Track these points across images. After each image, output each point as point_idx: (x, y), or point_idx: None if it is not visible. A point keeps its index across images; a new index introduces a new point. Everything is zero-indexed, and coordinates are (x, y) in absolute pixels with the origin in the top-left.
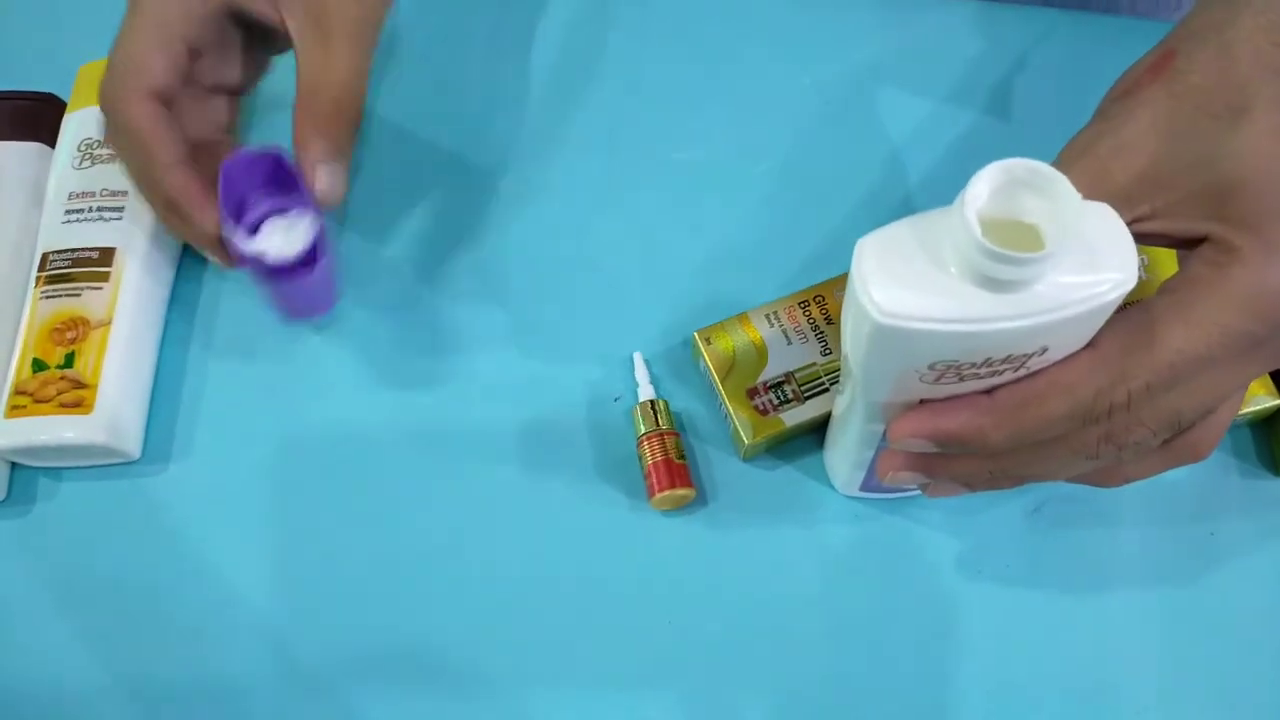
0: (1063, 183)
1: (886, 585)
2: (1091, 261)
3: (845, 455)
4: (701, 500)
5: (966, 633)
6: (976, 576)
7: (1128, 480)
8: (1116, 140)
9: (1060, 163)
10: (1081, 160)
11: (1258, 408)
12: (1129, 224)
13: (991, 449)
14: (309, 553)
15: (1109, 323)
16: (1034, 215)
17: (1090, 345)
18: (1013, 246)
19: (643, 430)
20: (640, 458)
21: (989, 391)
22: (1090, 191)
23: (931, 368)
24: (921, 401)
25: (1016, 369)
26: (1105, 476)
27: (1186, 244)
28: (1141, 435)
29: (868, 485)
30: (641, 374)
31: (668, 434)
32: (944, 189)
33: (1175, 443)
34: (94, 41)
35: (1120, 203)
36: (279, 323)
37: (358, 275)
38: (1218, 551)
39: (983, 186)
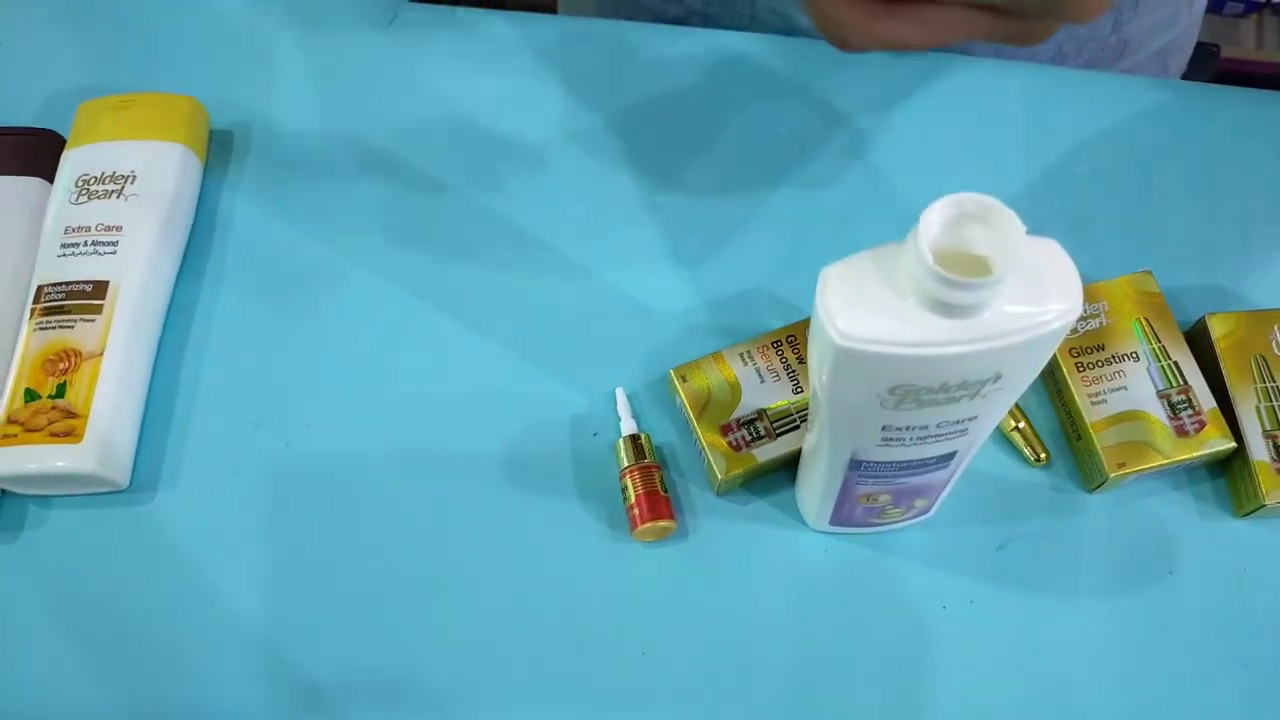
0: (1009, 216)
1: (855, 619)
2: (1037, 291)
3: (815, 490)
4: (680, 532)
5: (932, 666)
6: (942, 611)
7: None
8: None
9: None
10: None
11: (1214, 450)
12: None
13: None
14: (295, 580)
15: None
16: (982, 247)
17: None
18: (963, 275)
19: (625, 464)
20: (623, 490)
21: None
22: None
23: (891, 392)
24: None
25: (973, 396)
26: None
27: None
28: None
29: (836, 519)
30: (624, 409)
31: (651, 467)
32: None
33: None
34: (93, 79)
35: None
36: None
37: (347, 306)
38: (1177, 589)
39: (934, 218)
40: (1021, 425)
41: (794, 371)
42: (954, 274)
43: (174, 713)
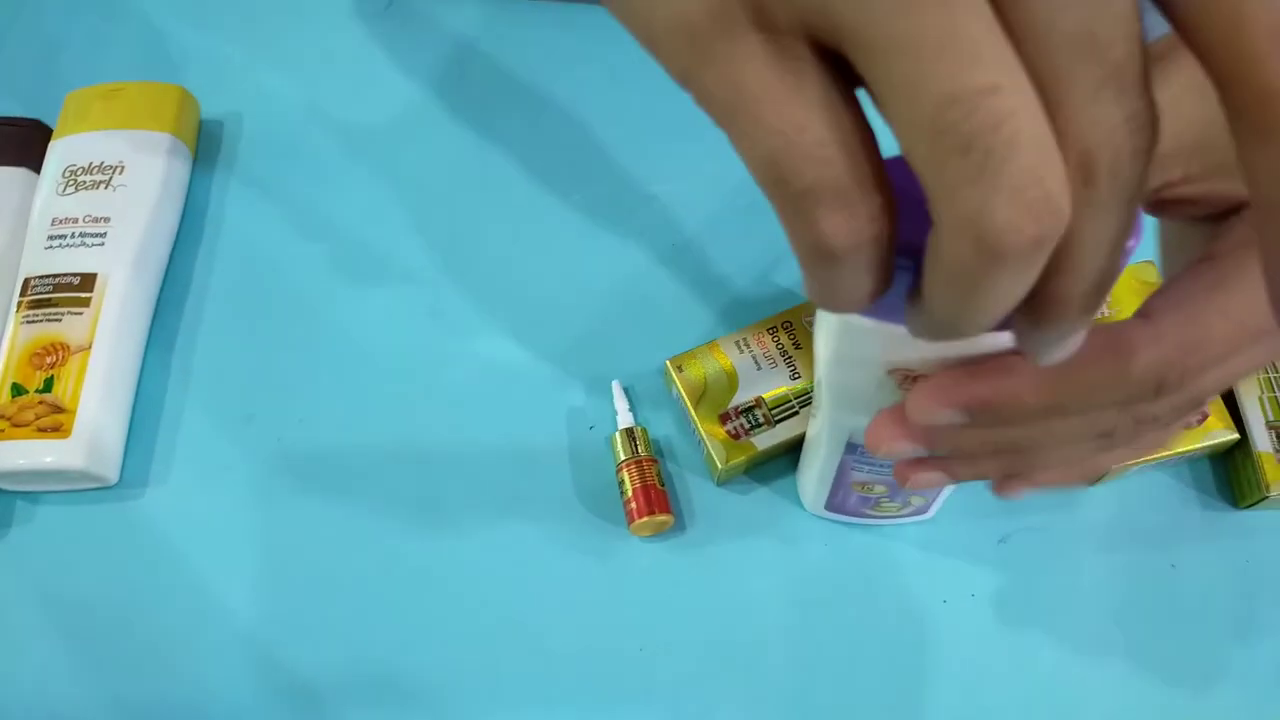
0: None
1: (856, 612)
2: None
3: (813, 471)
4: (678, 525)
5: (933, 658)
6: (943, 604)
7: (1097, 477)
8: None
9: None
10: None
11: (1217, 441)
12: (1157, 190)
13: (1024, 417)
14: (286, 577)
15: (1161, 292)
16: None
17: (1143, 314)
18: None
19: (622, 457)
20: (620, 484)
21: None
22: None
23: (889, 374)
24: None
25: None
26: (1085, 470)
27: (1220, 212)
28: (1167, 417)
29: (831, 505)
30: (620, 402)
31: (646, 461)
32: None
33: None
34: (80, 69)
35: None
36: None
37: (339, 299)
38: (1179, 582)
39: None
40: None
41: (791, 357)
42: None
43: (164, 711)
